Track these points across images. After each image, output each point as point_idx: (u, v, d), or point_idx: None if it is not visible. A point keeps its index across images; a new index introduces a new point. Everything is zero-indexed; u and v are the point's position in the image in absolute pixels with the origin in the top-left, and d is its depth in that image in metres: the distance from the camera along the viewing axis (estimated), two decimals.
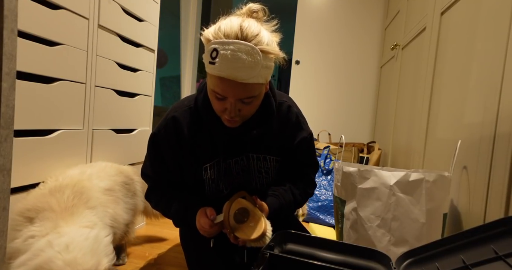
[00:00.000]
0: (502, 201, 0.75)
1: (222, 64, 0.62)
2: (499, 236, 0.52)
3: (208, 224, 0.72)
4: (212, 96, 0.70)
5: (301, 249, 0.76)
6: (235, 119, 0.71)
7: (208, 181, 0.82)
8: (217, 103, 0.69)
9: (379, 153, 2.12)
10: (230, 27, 0.64)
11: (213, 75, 0.65)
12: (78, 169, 0.91)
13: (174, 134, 0.78)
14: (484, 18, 0.92)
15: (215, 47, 0.63)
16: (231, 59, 0.61)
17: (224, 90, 0.65)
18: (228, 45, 0.62)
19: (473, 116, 0.94)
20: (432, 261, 0.62)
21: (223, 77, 0.63)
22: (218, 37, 0.63)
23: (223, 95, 0.66)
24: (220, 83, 0.64)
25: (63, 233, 0.67)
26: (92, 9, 1.01)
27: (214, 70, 0.63)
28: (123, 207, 0.94)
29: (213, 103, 0.71)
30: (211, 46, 0.63)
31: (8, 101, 0.48)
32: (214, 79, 0.65)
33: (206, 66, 0.67)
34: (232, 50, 0.61)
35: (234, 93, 0.66)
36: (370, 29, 2.70)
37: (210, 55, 0.63)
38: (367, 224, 0.89)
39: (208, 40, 0.66)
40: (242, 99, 0.67)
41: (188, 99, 0.83)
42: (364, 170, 0.91)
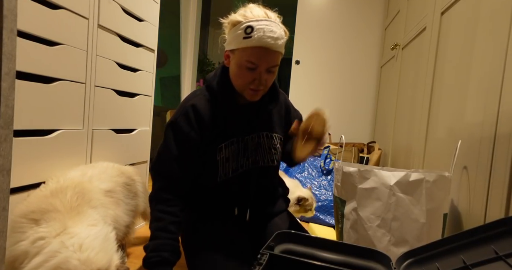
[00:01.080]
0: (502, 201, 0.75)
1: (259, 36, 0.76)
2: (499, 236, 0.52)
3: None
4: (243, 69, 0.80)
5: (301, 249, 0.76)
6: (259, 89, 0.82)
7: (222, 161, 0.86)
8: (248, 75, 0.80)
9: (379, 153, 2.12)
10: (256, 11, 0.80)
11: (249, 47, 0.77)
12: (79, 170, 0.91)
13: (195, 119, 0.84)
14: (484, 18, 0.92)
15: (249, 24, 0.77)
16: (267, 31, 0.76)
17: (259, 58, 0.78)
18: (261, 21, 0.77)
19: (473, 116, 0.94)
20: (432, 261, 0.62)
21: (260, 46, 0.77)
22: (249, 18, 0.78)
23: (258, 63, 0.78)
24: (257, 52, 0.77)
25: (73, 233, 0.68)
26: (92, 9, 1.01)
27: (251, 42, 0.76)
28: (124, 208, 0.94)
29: (242, 76, 0.81)
30: (243, 25, 0.77)
31: (8, 101, 0.48)
32: (250, 50, 0.77)
33: (239, 43, 0.78)
34: (266, 24, 0.77)
35: (268, 60, 0.79)
36: (370, 29, 2.70)
37: (244, 31, 0.77)
38: (367, 224, 0.89)
39: (237, 22, 0.79)
40: (270, 67, 0.80)
41: (198, 91, 0.91)
42: (364, 170, 0.91)
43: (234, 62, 0.82)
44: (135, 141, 1.31)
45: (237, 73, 0.82)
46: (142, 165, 1.40)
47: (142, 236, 1.33)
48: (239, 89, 0.85)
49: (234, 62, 0.82)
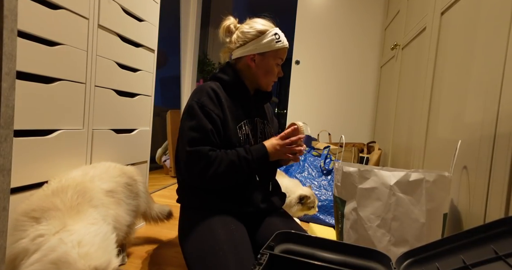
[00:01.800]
0: (502, 201, 0.75)
1: (283, 39, 1.00)
2: (499, 236, 0.52)
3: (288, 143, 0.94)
4: (273, 66, 1.02)
5: (301, 249, 0.76)
6: (276, 79, 1.06)
7: (243, 137, 0.98)
8: (276, 69, 1.03)
9: (379, 153, 2.12)
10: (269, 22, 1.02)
11: (280, 48, 1.00)
12: (81, 170, 0.91)
13: (216, 99, 0.95)
14: (484, 18, 0.92)
15: (275, 31, 0.99)
16: (283, 35, 1.01)
17: (284, 55, 1.03)
18: (277, 29, 1.01)
19: (473, 116, 0.94)
20: (432, 261, 0.62)
21: (286, 47, 1.02)
22: (270, 26, 1.00)
23: (283, 59, 1.03)
24: (285, 51, 1.02)
25: (73, 231, 0.68)
26: (92, 9, 1.01)
27: (281, 44, 0.99)
28: (125, 208, 0.94)
29: (273, 72, 1.02)
30: (272, 32, 0.99)
31: (8, 101, 0.48)
32: (282, 50, 1.01)
33: (272, 46, 0.99)
34: (280, 31, 1.01)
35: (285, 56, 1.04)
36: (370, 29, 2.70)
37: (275, 37, 0.99)
38: (367, 224, 0.89)
39: (265, 31, 0.99)
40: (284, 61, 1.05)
41: (206, 82, 1.02)
42: (364, 170, 0.91)
43: (266, 62, 1.01)
44: (135, 141, 1.31)
45: (269, 70, 1.02)
46: (143, 165, 1.40)
47: (142, 236, 1.34)
48: (264, 83, 1.04)
49: (266, 62, 1.01)
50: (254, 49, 0.99)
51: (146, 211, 1.14)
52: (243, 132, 0.98)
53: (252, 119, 1.03)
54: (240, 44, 1.00)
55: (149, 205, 1.16)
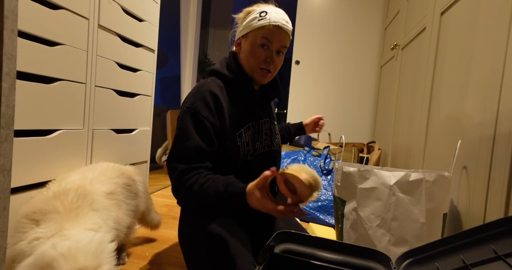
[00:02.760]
0: (502, 201, 0.75)
1: (273, 16, 0.84)
2: (499, 236, 0.52)
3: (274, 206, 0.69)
4: (256, 47, 0.86)
5: (301, 249, 0.76)
6: (270, 69, 0.88)
7: (243, 145, 0.89)
8: (261, 52, 0.86)
9: (379, 153, 2.12)
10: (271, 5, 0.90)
11: (264, 26, 0.84)
12: (79, 173, 0.91)
13: (213, 104, 0.84)
14: (484, 18, 0.92)
15: (263, 9, 0.86)
16: (280, 13, 0.86)
17: (273, 34, 0.85)
18: (273, 8, 0.87)
19: (473, 116, 0.94)
20: (432, 261, 0.63)
21: (274, 24, 0.84)
22: (261, 6, 0.88)
23: (271, 39, 0.85)
24: (271, 29, 0.84)
25: (68, 235, 0.68)
26: (92, 9, 1.01)
27: (265, 21, 0.84)
28: (125, 209, 0.94)
29: (256, 54, 0.87)
30: (258, 11, 0.86)
31: (8, 101, 0.48)
32: (264, 29, 0.85)
33: (252, 25, 0.86)
34: (277, 11, 0.86)
35: (280, 38, 0.86)
36: (370, 29, 2.70)
37: (259, 15, 0.85)
38: (367, 224, 0.89)
39: (251, 10, 0.88)
40: (281, 47, 0.87)
41: (207, 79, 0.92)
42: (364, 170, 0.91)
43: (247, 44, 0.88)
44: (135, 141, 1.31)
45: (251, 51, 0.87)
46: (143, 165, 1.40)
47: (142, 236, 1.34)
48: (251, 69, 0.89)
49: (247, 44, 0.88)
50: (239, 32, 0.91)
51: (144, 211, 1.14)
52: (242, 140, 0.89)
53: (257, 121, 0.94)
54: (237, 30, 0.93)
55: (147, 206, 1.16)
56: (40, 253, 0.63)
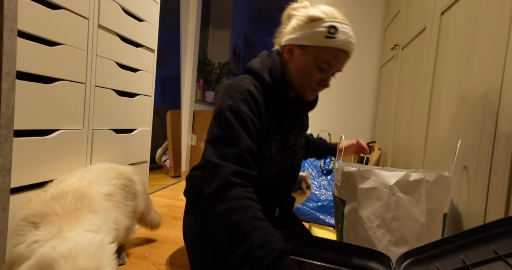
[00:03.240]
0: (502, 201, 0.75)
1: (343, 39, 0.75)
2: (499, 236, 0.52)
3: None
4: (313, 68, 0.78)
5: (301, 249, 0.76)
6: (321, 90, 0.83)
7: (268, 159, 0.83)
8: (317, 75, 0.79)
9: (379, 153, 2.12)
10: (335, 12, 0.78)
11: (331, 48, 0.75)
12: (76, 175, 0.90)
13: (254, 105, 0.75)
14: (484, 18, 0.92)
15: (333, 24, 0.74)
16: (350, 35, 0.77)
17: (337, 61, 0.78)
18: (344, 24, 0.76)
19: (473, 116, 0.94)
20: (432, 261, 0.63)
21: (342, 50, 0.76)
22: (331, 17, 0.75)
23: (333, 65, 0.78)
24: (337, 54, 0.76)
25: (67, 237, 0.67)
26: (92, 9, 1.01)
27: (334, 43, 0.74)
28: (124, 211, 0.93)
29: (311, 75, 0.79)
30: (327, 23, 0.74)
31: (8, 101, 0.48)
32: (331, 51, 0.76)
33: (318, 40, 0.75)
34: (348, 29, 0.77)
35: (342, 64, 0.80)
36: (370, 29, 2.70)
37: (327, 31, 0.74)
38: (367, 224, 0.89)
39: (318, 18, 0.75)
40: (339, 71, 0.82)
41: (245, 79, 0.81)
42: (364, 170, 0.91)
43: (303, 59, 0.78)
44: (135, 141, 1.31)
45: (305, 71, 0.79)
46: (142, 165, 1.40)
47: (142, 236, 1.34)
48: (300, 87, 0.82)
49: (303, 59, 0.78)
50: (296, 39, 0.78)
51: (143, 211, 1.14)
52: (270, 154, 0.82)
53: (286, 134, 0.87)
54: (289, 31, 0.81)
55: (146, 206, 1.16)
56: (40, 255, 0.63)
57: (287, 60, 0.82)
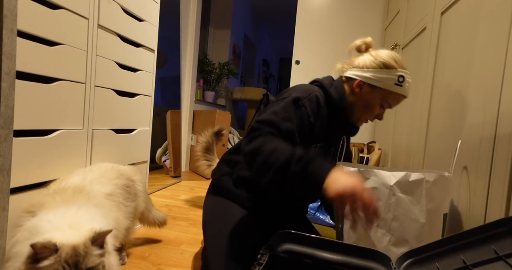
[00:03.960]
0: (503, 201, 0.75)
1: (407, 87, 0.91)
2: (499, 236, 0.52)
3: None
4: (376, 105, 0.93)
5: (301, 249, 0.76)
6: (371, 121, 0.99)
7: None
8: (376, 111, 0.95)
9: (379, 153, 2.12)
10: (403, 61, 0.92)
11: (396, 93, 0.91)
12: (78, 174, 0.91)
13: (316, 109, 0.91)
14: (484, 18, 0.92)
15: (402, 74, 0.90)
16: (411, 83, 0.93)
17: (397, 103, 0.95)
18: (408, 75, 0.91)
19: (473, 116, 0.94)
20: (433, 261, 0.62)
21: (404, 96, 0.93)
22: (401, 67, 0.91)
23: (393, 106, 0.95)
24: (399, 99, 0.93)
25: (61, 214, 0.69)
26: (92, 9, 1.01)
27: (401, 90, 0.91)
28: (124, 211, 0.93)
29: (371, 110, 0.95)
30: (398, 72, 0.90)
31: (8, 101, 0.48)
32: (396, 96, 0.92)
33: (388, 85, 0.90)
34: (410, 78, 0.92)
35: (397, 105, 0.96)
36: (370, 29, 2.70)
37: (397, 79, 0.90)
38: None
39: (391, 66, 0.90)
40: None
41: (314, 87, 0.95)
42: (364, 170, 0.91)
43: (370, 96, 0.93)
44: (135, 141, 1.31)
45: (369, 106, 0.94)
46: (142, 165, 1.40)
47: (142, 236, 1.34)
48: (358, 116, 0.96)
49: (370, 96, 0.93)
50: (368, 78, 0.91)
51: (144, 211, 1.14)
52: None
53: (328, 147, 1.00)
54: (359, 66, 0.94)
55: (147, 206, 1.16)
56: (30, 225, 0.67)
57: (354, 92, 0.95)
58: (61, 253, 0.59)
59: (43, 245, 0.57)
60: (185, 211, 1.72)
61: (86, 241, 0.62)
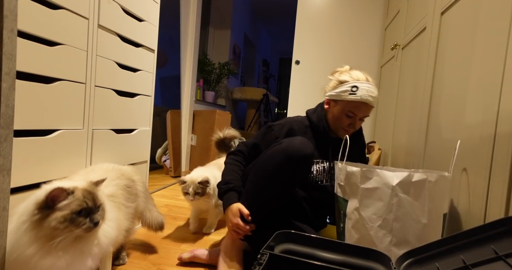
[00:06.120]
0: (502, 201, 0.75)
1: (362, 94, 1.03)
2: (499, 236, 0.52)
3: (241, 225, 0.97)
4: (343, 115, 1.09)
5: (301, 249, 0.76)
6: (350, 130, 1.12)
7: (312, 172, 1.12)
8: (346, 120, 1.09)
9: (379, 153, 2.12)
10: (359, 75, 1.08)
11: (353, 101, 1.05)
12: (80, 175, 0.91)
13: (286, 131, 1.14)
14: (484, 18, 0.92)
15: (355, 84, 1.05)
16: (369, 91, 1.05)
17: (359, 110, 1.06)
18: (365, 83, 1.05)
19: (473, 116, 0.94)
20: (432, 261, 0.63)
21: (361, 102, 1.04)
22: (354, 79, 1.07)
23: (356, 114, 1.07)
24: (358, 106, 1.05)
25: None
26: (92, 9, 1.01)
27: (355, 97, 1.04)
28: (125, 212, 0.93)
29: (341, 120, 1.10)
30: (350, 84, 1.06)
31: (8, 101, 0.48)
32: (354, 103, 1.06)
33: (343, 97, 1.07)
34: (368, 86, 1.05)
35: (364, 112, 1.07)
36: (370, 29, 2.70)
37: (351, 89, 1.05)
38: (369, 224, 0.89)
39: (345, 81, 1.08)
40: (364, 117, 1.09)
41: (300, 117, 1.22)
42: (366, 170, 0.91)
43: (336, 109, 1.11)
44: (135, 141, 1.31)
45: (338, 117, 1.10)
46: (142, 165, 1.40)
47: (142, 236, 1.34)
48: (335, 128, 1.13)
49: (336, 109, 1.11)
50: (331, 95, 1.11)
51: (144, 211, 1.13)
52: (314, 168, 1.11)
53: (327, 160, 1.14)
54: (328, 88, 1.15)
55: (147, 205, 1.15)
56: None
57: (326, 110, 1.16)
58: (77, 193, 0.68)
59: (60, 189, 0.65)
60: (185, 211, 1.72)
61: (91, 184, 0.74)
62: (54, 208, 0.64)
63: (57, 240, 0.62)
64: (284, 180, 0.97)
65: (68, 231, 0.64)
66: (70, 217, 0.64)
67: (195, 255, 1.11)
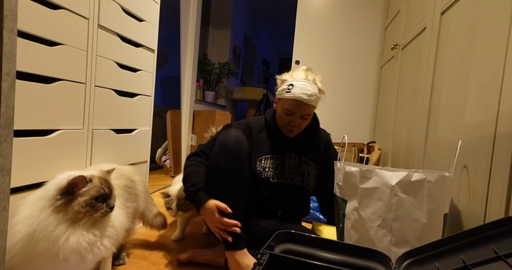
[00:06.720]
0: (502, 201, 0.75)
1: (296, 91, 1.03)
2: (499, 236, 0.52)
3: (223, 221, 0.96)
4: (283, 113, 1.09)
5: (301, 249, 0.76)
6: (294, 129, 1.10)
7: (260, 168, 1.13)
8: (286, 118, 1.09)
9: (379, 153, 2.12)
10: (299, 74, 1.08)
11: (289, 99, 1.05)
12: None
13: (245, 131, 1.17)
14: (484, 18, 0.92)
15: (291, 82, 1.06)
16: (302, 88, 1.04)
17: (294, 108, 1.06)
18: (301, 82, 1.05)
19: (473, 116, 0.94)
20: (432, 261, 0.63)
21: (295, 99, 1.04)
22: (293, 78, 1.07)
23: (293, 112, 1.06)
24: (293, 103, 1.05)
25: None
26: (92, 9, 1.01)
27: (290, 95, 1.04)
28: (125, 212, 0.93)
29: (282, 118, 1.11)
30: (288, 82, 1.06)
31: (8, 101, 0.48)
32: (289, 101, 1.05)
33: (283, 95, 1.07)
34: (303, 84, 1.05)
35: (301, 110, 1.06)
36: (370, 29, 2.70)
37: (287, 87, 1.06)
38: (368, 224, 0.89)
39: (285, 80, 1.09)
40: (303, 115, 1.07)
41: (258, 118, 1.26)
42: (366, 170, 0.91)
43: (278, 107, 1.12)
44: (135, 141, 1.31)
45: (279, 115, 1.12)
46: (142, 165, 1.40)
47: (142, 236, 1.34)
48: (280, 126, 1.14)
49: (278, 107, 1.12)
50: (277, 94, 1.13)
51: (144, 211, 1.13)
52: (261, 165, 1.14)
53: (283, 155, 1.16)
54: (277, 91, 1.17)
55: (148, 205, 1.15)
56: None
57: (275, 108, 1.18)
58: (95, 181, 0.77)
59: (81, 177, 0.73)
60: None
61: (105, 172, 0.83)
62: (75, 194, 0.72)
63: (82, 222, 0.72)
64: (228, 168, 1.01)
65: (89, 215, 0.73)
66: (90, 202, 0.73)
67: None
